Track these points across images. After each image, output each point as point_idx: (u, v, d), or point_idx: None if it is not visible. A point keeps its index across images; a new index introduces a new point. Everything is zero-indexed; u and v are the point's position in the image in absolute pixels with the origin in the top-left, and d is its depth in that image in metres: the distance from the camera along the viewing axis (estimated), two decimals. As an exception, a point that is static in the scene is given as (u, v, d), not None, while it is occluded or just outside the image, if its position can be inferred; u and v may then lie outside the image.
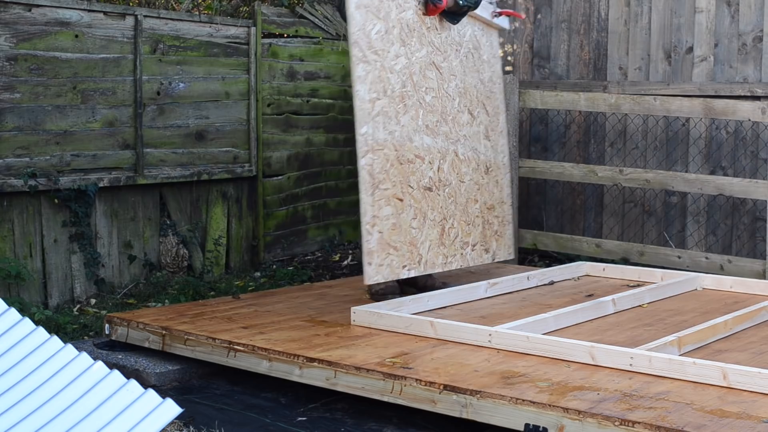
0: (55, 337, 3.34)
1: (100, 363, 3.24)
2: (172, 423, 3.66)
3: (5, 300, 4.65)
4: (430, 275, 5.42)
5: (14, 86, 5.66)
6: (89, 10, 6.00)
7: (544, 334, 4.40)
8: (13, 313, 3.43)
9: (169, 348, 4.61)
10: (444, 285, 5.35)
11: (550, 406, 3.49)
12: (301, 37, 7.49)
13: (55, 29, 5.85)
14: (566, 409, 3.45)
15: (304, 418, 4.06)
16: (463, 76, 5.47)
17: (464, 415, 3.68)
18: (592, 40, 7.36)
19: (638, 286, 5.64)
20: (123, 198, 6.26)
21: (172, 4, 7.32)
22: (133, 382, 3.16)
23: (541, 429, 3.47)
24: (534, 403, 3.52)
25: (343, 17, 5.08)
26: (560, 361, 4.08)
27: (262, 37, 7.08)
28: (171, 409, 3.08)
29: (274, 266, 7.09)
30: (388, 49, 4.85)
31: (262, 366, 4.28)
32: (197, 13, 6.92)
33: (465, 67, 5.51)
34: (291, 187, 7.44)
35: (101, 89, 6.08)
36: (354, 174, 8.02)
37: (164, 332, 4.64)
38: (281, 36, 7.40)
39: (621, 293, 5.24)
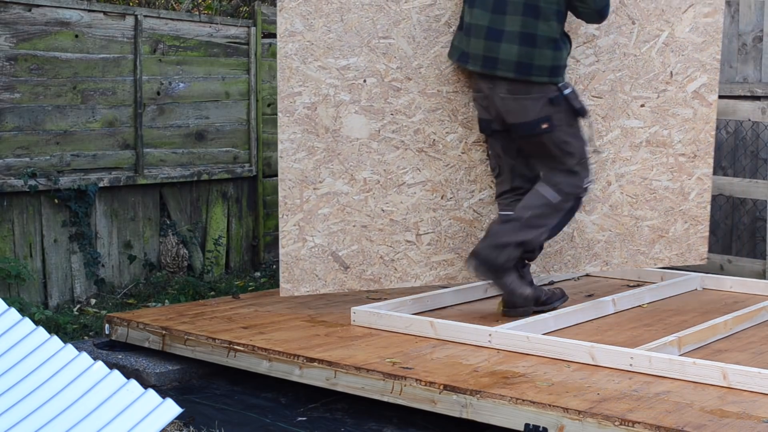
0: (55, 337, 3.34)
1: (100, 363, 3.24)
2: (172, 423, 3.66)
3: (5, 300, 4.65)
4: None
5: (14, 86, 5.66)
6: (89, 10, 6.01)
7: (544, 334, 4.41)
8: (13, 313, 3.43)
9: (169, 348, 4.61)
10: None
11: (550, 406, 3.49)
12: (301, 37, 7.49)
13: (55, 29, 5.85)
14: (566, 409, 3.45)
15: (304, 418, 4.06)
16: None
17: (464, 415, 3.68)
18: (592, 40, 7.35)
19: (638, 286, 5.64)
20: (123, 198, 6.27)
21: (172, 4, 7.33)
22: (133, 382, 3.16)
23: (541, 429, 3.48)
24: (534, 403, 3.52)
25: None
26: (560, 361, 4.09)
27: (262, 37, 7.08)
28: (171, 409, 3.08)
29: (274, 266, 7.09)
30: None
31: (262, 366, 4.28)
32: (197, 13, 6.93)
33: None
34: (291, 187, 7.44)
35: (101, 89, 6.08)
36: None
37: (164, 332, 4.64)
38: (281, 36, 7.39)
39: (621, 293, 5.24)
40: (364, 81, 4.83)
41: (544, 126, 4.64)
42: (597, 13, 4.69)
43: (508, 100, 4.65)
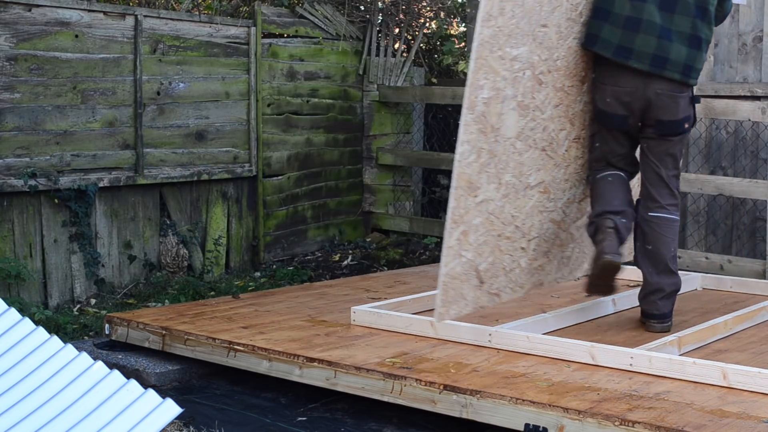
0: (55, 337, 3.34)
1: (100, 363, 3.24)
2: (172, 423, 3.66)
3: (5, 300, 4.65)
4: None
5: (14, 86, 5.66)
6: (89, 10, 6.01)
7: (544, 334, 4.41)
8: (13, 313, 3.43)
9: (169, 348, 4.61)
10: None
11: (550, 406, 3.49)
12: (301, 37, 7.49)
13: (55, 29, 5.85)
14: (566, 409, 3.45)
15: (304, 418, 4.06)
16: None
17: (464, 415, 3.68)
18: (592, 40, 7.35)
19: (638, 286, 5.63)
20: (123, 198, 6.27)
21: (172, 4, 7.32)
22: (133, 382, 3.16)
23: (541, 429, 3.48)
24: (534, 403, 3.52)
25: None
26: (560, 361, 4.09)
27: (262, 37, 7.08)
28: (171, 409, 3.08)
29: (274, 266, 7.09)
30: None
31: (262, 366, 4.28)
32: (197, 13, 6.92)
33: None
34: (291, 187, 7.44)
35: (101, 89, 6.08)
36: (354, 174, 8.06)
37: (164, 332, 4.64)
38: (281, 36, 7.40)
39: (621, 293, 5.23)
40: (524, 74, 4.27)
41: (687, 126, 4.60)
42: (724, 18, 4.76)
43: (664, 96, 4.52)
